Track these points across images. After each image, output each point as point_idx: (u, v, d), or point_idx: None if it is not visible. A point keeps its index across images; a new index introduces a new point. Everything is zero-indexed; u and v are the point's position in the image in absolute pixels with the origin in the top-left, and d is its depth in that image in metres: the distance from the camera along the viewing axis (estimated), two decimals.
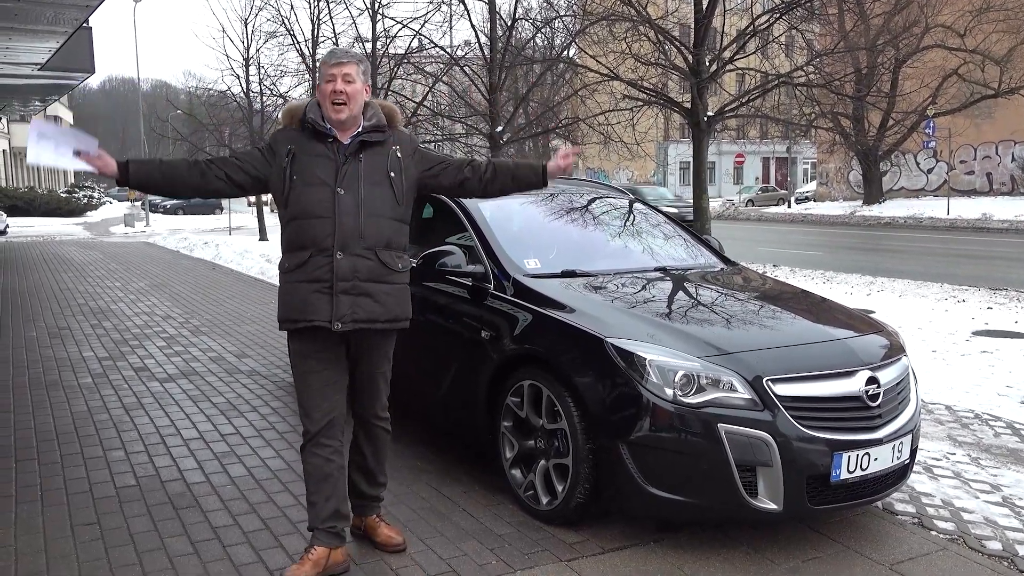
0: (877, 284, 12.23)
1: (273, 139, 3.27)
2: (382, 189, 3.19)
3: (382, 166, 3.21)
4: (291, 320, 3.15)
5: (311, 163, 3.13)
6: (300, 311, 3.11)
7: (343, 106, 3.11)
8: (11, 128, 46.19)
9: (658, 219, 5.28)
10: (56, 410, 5.55)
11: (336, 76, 3.11)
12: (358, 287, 3.10)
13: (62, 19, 11.45)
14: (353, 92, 3.12)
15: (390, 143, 3.26)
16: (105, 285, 12.53)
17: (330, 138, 3.15)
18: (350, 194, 3.12)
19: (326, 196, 3.10)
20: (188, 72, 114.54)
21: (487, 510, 3.81)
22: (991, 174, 34.23)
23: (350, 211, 3.11)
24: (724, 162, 57.28)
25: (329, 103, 3.11)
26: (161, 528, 3.64)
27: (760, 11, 13.30)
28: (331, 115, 3.11)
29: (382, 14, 17.79)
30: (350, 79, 3.12)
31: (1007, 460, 4.55)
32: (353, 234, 3.10)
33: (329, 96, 3.10)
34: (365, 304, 3.12)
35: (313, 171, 3.12)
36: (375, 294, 3.13)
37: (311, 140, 3.17)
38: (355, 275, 3.09)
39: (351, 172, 3.14)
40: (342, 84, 3.10)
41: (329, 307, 3.08)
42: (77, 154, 3.04)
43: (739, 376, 3.31)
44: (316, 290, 3.08)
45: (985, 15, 25.91)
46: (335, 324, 3.08)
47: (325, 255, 3.09)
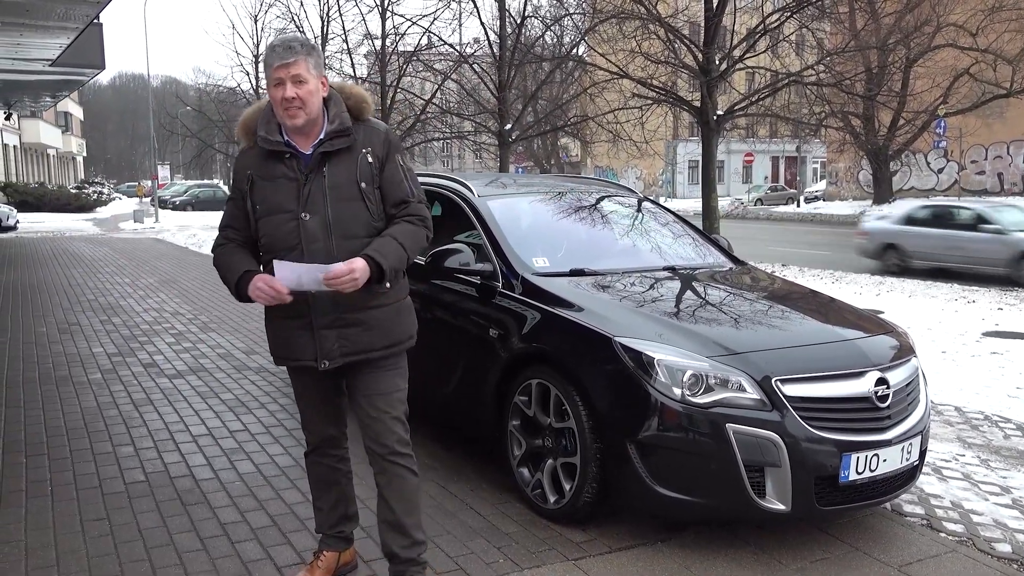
0: (886, 284, 12.19)
1: (235, 166, 2.92)
2: (353, 205, 2.75)
3: (350, 177, 2.75)
4: (278, 356, 2.94)
5: (270, 189, 2.75)
6: (285, 350, 2.87)
7: (298, 111, 2.67)
8: (22, 124, 46.39)
9: (667, 218, 5.27)
10: (66, 406, 5.57)
11: (284, 79, 2.65)
12: (343, 319, 2.76)
13: (73, 15, 11.50)
14: (307, 94, 2.67)
15: (358, 146, 2.77)
16: (114, 281, 12.58)
17: (287, 154, 2.74)
18: (316, 218, 2.71)
19: (290, 225, 2.72)
20: (198, 68, 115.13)
21: (495, 508, 3.81)
22: (1002, 174, 34.03)
23: (318, 237, 2.71)
24: (733, 161, 57.10)
25: (282, 111, 2.68)
26: (170, 524, 3.66)
27: (771, 9, 13.27)
28: (285, 122, 2.70)
29: (391, 11, 17.86)
30: (300, 79, 2.66)
31: (1017, 462, 4.53)
32: (326, 263, 2.66)
33: (280, 103, 2.67)
34: (354, 335, 2.78)
35: (272, 197, 2.74)
36: (365, 322, 2.78)
37: (267, 161, 2.76)
38: (336, 307, 2.74)
39: (315, 191, 2.72)
40: (292, 88, 2.65)
41: (312, 345, 2.78)
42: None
43: (748, 376, 3.30)
44: (298, 327, 2.79)
45: (997, 14, 25.71)
46: (322, 363, 2.78)
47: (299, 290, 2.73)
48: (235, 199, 2.89)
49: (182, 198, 45.80)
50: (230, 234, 2.88)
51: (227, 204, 2.93)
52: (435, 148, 39.13)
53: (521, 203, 4.92)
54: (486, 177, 5.45)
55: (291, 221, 2.72)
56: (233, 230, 2.88)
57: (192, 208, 43.56)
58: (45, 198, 38.24)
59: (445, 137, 21.23)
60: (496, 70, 16.63)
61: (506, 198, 4.86)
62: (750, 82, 19.61)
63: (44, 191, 40.11)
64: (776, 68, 14.60)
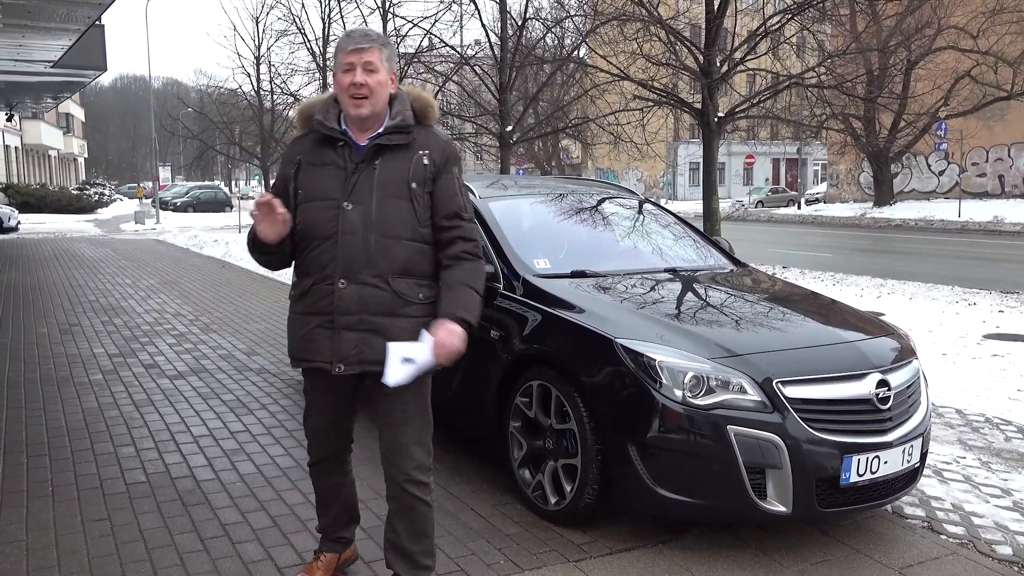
0: (887, 286, 12.18)
1: (286, 152, 2.86)
2: (399, 203, 2.63)
3: (402, 175, 2.64)
4: (293, 357, 2.77)
5: (317, 174, 2.66)
6: (301, 349, 2.71)
7: (364, 100, 2.59)
8: (23, 125, 46.44)
9: (668, 220, 5.28)
10: (67, 406, 5.58)
11: (355, 64, 2.58)
12: (366, 321, 2.60)
13: (75, 17, 11.52)
14: (376, 84, 2.59)
15: (416, 146, 2.68)
16: (115, 282, 12.59)
17: (340, 142, 2.66)
18: (359, 209, 2.61)
19: (329, 213, 2.61)
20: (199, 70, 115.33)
21: (495, 510, 3.81)
22: (1003, 176, 34.05)
23: (355, 230, 2.60)
24: (734, 163, 57.14)
25: (347, 97, 2.60)
26: (171, 524, 3.66)
27: (772, 12, 13.27)
28: (349, 111, 2.61)
29: (393, 13, 17.89)
30: (372, 67, 2.59)
31: (1018, 464, 4.53)
32: (359, 258, 2.59)
33: (347, 89, 2.59)
34: (374, 342, 2.60)
35: (318, 183, 2.65)
36: (388, 330, 2.61)
37: (319, 146, 2.69)
38: (362, 308, 2.60)
39: (363, 182, 2.62)
40: (362, 75, 2.57)
41: (330, 345, 2.63)
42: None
43: (749, 378, 3.30)
44: (319, 324, 2.64)
45: (998, 16, 25.76)
46: (336, 366, 2.63)
47: (327, 283, 2.62)
48: (277, 185, 2.79)
49: (183, 199, 45.82)
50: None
51: (272, 185, 2.86)
52: None
53: (522, 205, 4.93)
54: (487, 179, 5.46)
55: (332, 209, 2.61)
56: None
57: (193, 209, 43.59)
58: (46, 199, 38.29)
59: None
60: (497, 72, 16.65)
61: (507, 200, 4.87)
62: (751, 84, 19.63)
63: (45, 192, 40.15)
64: (777, 70, 14.61)
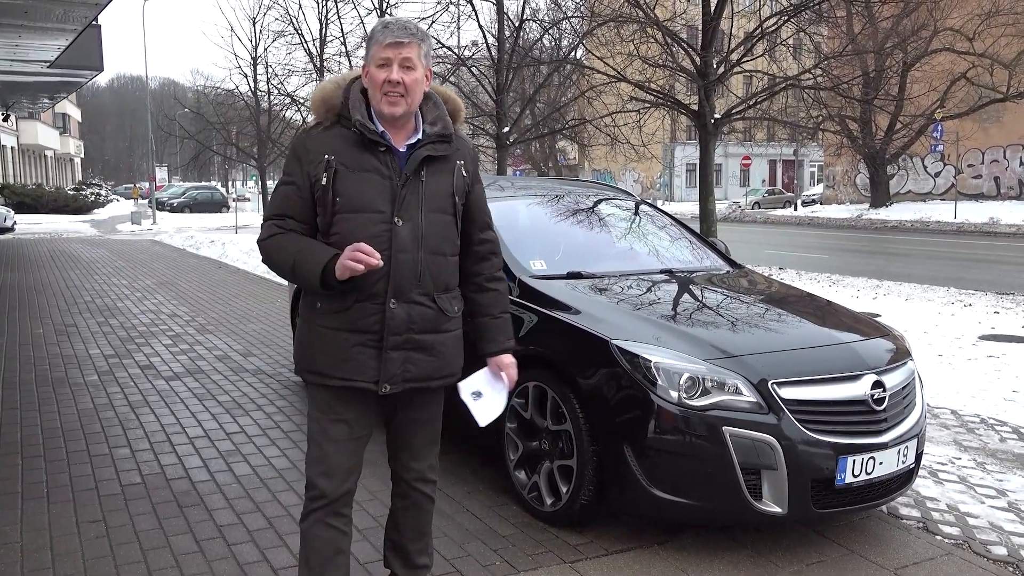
0: (883, 288, 12.20)
1: (302, 146, 2.48)
2: (445, 219, 2.52)
3: (447, 188, 2.52)
4: (321, 374, 2.49)
5: (359, 181, 2.42)
6: (336, 367, 2.46)
7: (400, 99, 2.40)
8: (20, 125, 46.36)
9: (664, 221, 5.28)
10: (62, 407, 5.56)
11: (392, 60, 2.39)
12: (412, 340, 2.48)
13: (71, 17, 11.50)
14: (412, 82, 2.41)
15: (455, 156, 2.56)
16: (112, 283, 12.57)
17: (382, 147, 2.44)
18: (408, 225, 2.44)
19: (380, 228, 2.41)
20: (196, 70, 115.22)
21: (491, 511, 3.81)
22: (999, 178, 34.12)
23: (408, 248, 2.44)
24: (731, 164, 57.22)
25: (381, 95, 2.41)
26: (166, 526, 3.65)
27: (768, 14, 13.29)
28: (383, 109, 2.42)
29: (390, 14, 17.84)
30: (410, 64, 2.40)
31: (1013, 465, 4.54)
32: (411, 277, 2.44)
33: (381, 87, 2.40)
34: (419, 360, 2.50)
35: (362, 192, 2.42)
36: (431, 347, 2.52)
37: (357, 148, 2.44)
38: (410, 327, 2.46)
39: (411, 196, 2.45)
40: (399, 72, 2.38)
41: (376, 365, 2.45)
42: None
43: (744, 379, 3.30)
44: (360, 343, 2.44)
45: (994, 19, 25.84)
46: (383, 387, 2.47)
47: (375, 302, 2.43)
48: (296, 184, 2.47)
49: (180, 200, 45.77)
50: (290, 224, 2.48)
51: (284, 191, 2.49)
52: None
53: (519, 206, 4.93)
54: (484, 180, 5.45)
55: (382, 224, 2.41)
56: (295, 221, 2.48)
57: (190, 210, 43.54)
58: (42, 199, 38.24)
59: None
60: (494, 73, 16.64)
61: (504, 201, 4.87)
62: (748, 86, 19.64)
63: (41, 192, 40.10)
64: (773, 72, 14.62)
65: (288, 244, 2.46)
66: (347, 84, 2.52)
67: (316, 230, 2.48)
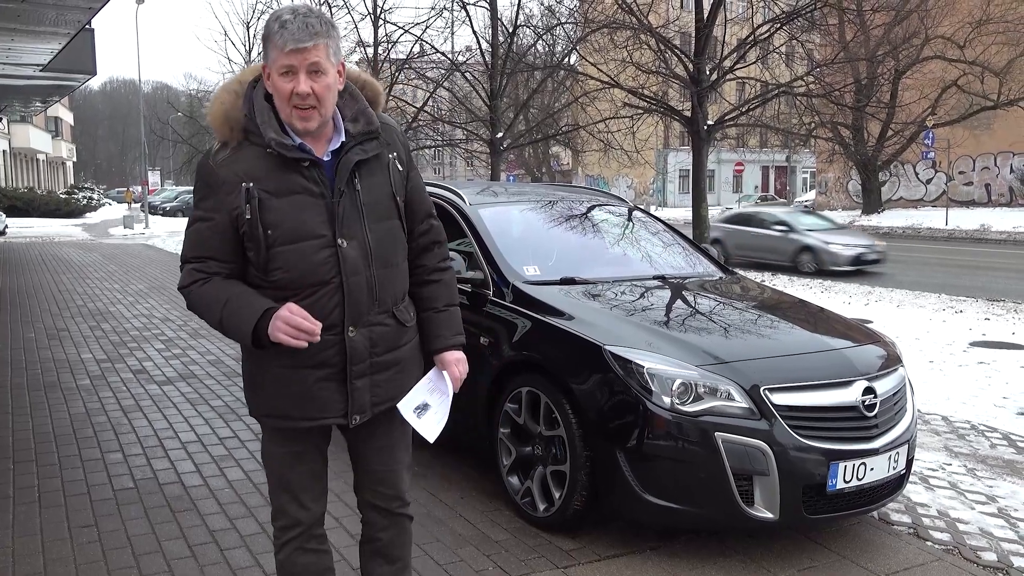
0: (875, 294, 12.25)
1: (210, 175, 2.13)
2: (391, 225, 2.26)
3: (385, 191, 2.24)
4: (285, 416, 2.23)
5: (288, 206, 2.11)
6: (300, 408, 2.22)
7: (312, 111, 2.07)
8: (11, 128, 46.19)
9: (657, 227, 5.30)
10: (54, 412, 5.55)
11: (297, 68, 2.03)
12: (375, 364, 2.25)
13: (64, 20, 11.48)
14: (324, 90, 2.06)
15: (386, 151, 2.26)
16: (104, 287, 12.54)
17: (305, 162, 2.12)
18: (354, 243, 2.17)
19: (325, 254, 2.13)
20: (189, 74, 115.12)
21: (484, 516, 3.82)
22: (989, 185, 34.31)
23: (359, 268, 2.18)
24: (723, 170, 57.35)
25: (290, 108, 2.07)
26: (159, 531, 3.65)
27: (761, 21, 13.35)
28: (294, 124, 2.09)
29: (384, 19, 17.87)
30: (319, 69, 2.05)
31: (1003, 471, 4.56)
32: (367, 299, 2.20)
33: (289, 99, 2.05)
34: (385, 381, 2.28)
35: (297, 218, 2.11)
36: (395, 363, 2.30)
37: (277, 169, 2.11)
38: (372, 351, 2.24)
39: (349, 210, 2.16)
40: (307, 81, 2.04)
41: (343, 400, 2.22)
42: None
43: (736, 385, 3.32)
44: (321, 378, 2.20)
45: (984, 27, 25.99)
46: (353, 419, 2.24)
47: (332, 332, 2.16)
48: (212, 220, 2.14)
49: (172, 204, 45.71)
50: (213, 267, 2.17)
51: (199, 228, 2.16)
52: (426, 155, 39.32)
53: (512, 211, 4.94)
54: (477, 185, 5.47)
55: (325, 248, 2.13)
56: (218, 262, 2.16)
57: (182, 214, 43.44)
58: (34, 203, 38.09)
59: (437, 145, 21.28)
60: (488, 78, 16.68)
61: (497, 206, 4.88)
62: (740, 92, 19.73)
63: (33, 196, 39.94)
64: (766, 79, 14.71)
65: (213, 294, 2.15)
66: (247, 90, 2.16)
67: (243, 267, 2.18)
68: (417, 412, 2.34)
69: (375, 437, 2.37)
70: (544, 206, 5.11)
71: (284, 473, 2.31)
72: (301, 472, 2.31)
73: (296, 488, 2.31)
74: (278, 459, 2.31)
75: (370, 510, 2.45)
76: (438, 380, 2.41)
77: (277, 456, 2.31)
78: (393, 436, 2.40)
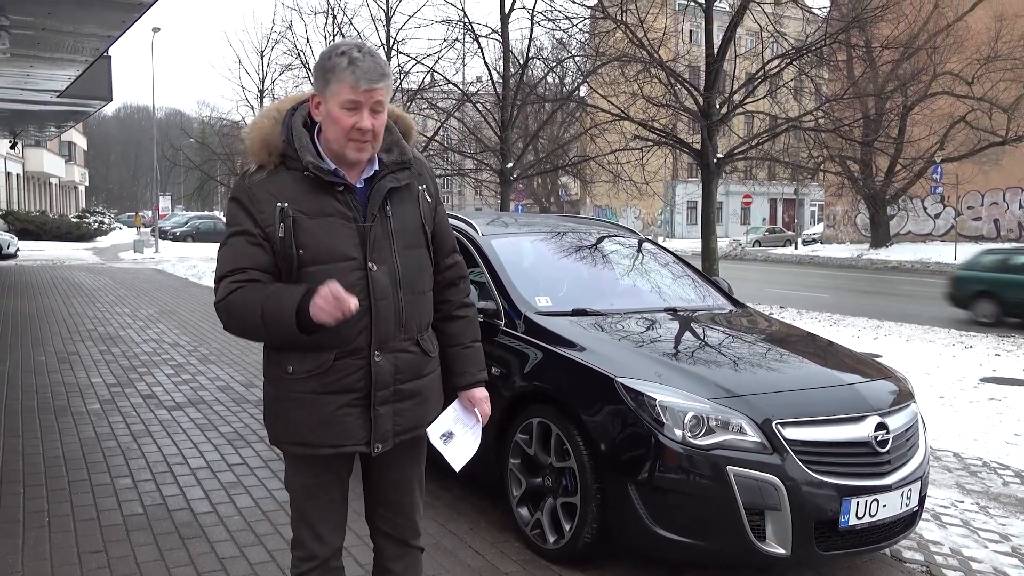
0: (884, 328, 12.22)
1: (247, 195, 2.18)
2: (419, 253, 2.31)
3: (415, 220, 2.30)
4: (307, 444, 2.24)
5: (322, 228, 2.15)
6: (322, 435, 2.22)
7: (367, 144, 2.16)
8: (26, 152, 46.66)
9: (667, 259, 5.32)
10: (64, 436, 5.56)
11: (363, 105, 2.11)
12: (398, 392, 2.27)
13: (83, 48, 11.67)
14: (380, 126, 2.17)
15: (417, 182, 2.33)
16: (114, 311, 12.59)
17: (340, 186, 2.18)
18: (384, 268, 2.21)
19: (356, 276, 2.17)
20: (202, 101, 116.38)
21: (493, 548, 3.80)
22: (998, 220, 34.28)
23: (387, 293, 2.21)
24: (732, 202, 57.49)
25: (347, 140, 2.14)
26: (167, 558, 3.64)
27: (770, 56, 13.48)
28: (348, 154, 2.15)
29: (397, 50, 18.10)
30: (380, 108, 2.15)
31: (1016, 509, 4.52)
32: (393, 324, 2.23)
33: (348, 132, 2.13)
34: (408, 411, 2.30)
35: (330, 240, 2.16)
36: (417, 393, 2.32)
37: (313, 191, 2.17)
38: (396, 378, 2.26)
39: (380, 235, 2.21)
40: (370, 119, 2.12)
41: (366, 426, 2.23)
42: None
43: (748, 419, 3.31)
44: (345, 404, 2.21)
45: (992, 64, 26.15)
46: (375, 447, 2.25)
47: (357, 356, 2.19)
48: (253, 235, 2.16)
49: (183, 229, 45.95)
50: (253, 275, 2.16)
51: (236, 242, 2.18)
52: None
53: (523, 242, 4.97)
54: (488, 216, 5.51)
55: (356, 271, 2.17)
56: (257, 271, 2.16)
57: (192, 239, 43.70)
58: (46, 226, 38.37)
59: (447, 174, 21.42)
60: (499, 109, 16.84)
61: (509, 237, 4.91)
62: (749, 126, 19.84)
63: (45, 219, 40.25)
64: (775, 113, 14.81)
65: (253, 294, 2.12)
66: (285, 117, 2.23)
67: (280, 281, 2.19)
68: (443, 439, 2.40)
69: (391, 468, 2.38)
70: (555, 237, 5.14)
71: (304, 503, 2.32)
72: (321, 503, 2.32)
73: (314, 520, 2.32)
74: (299, 489, 2.32)
75: (383, 538, 2.47)
76: (463, 412, 2.47)
77: (298, 486, 2.33)
78: (411, 469, 2.42)
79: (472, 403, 2.47)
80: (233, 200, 2.22)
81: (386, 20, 18.49)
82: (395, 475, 2.40)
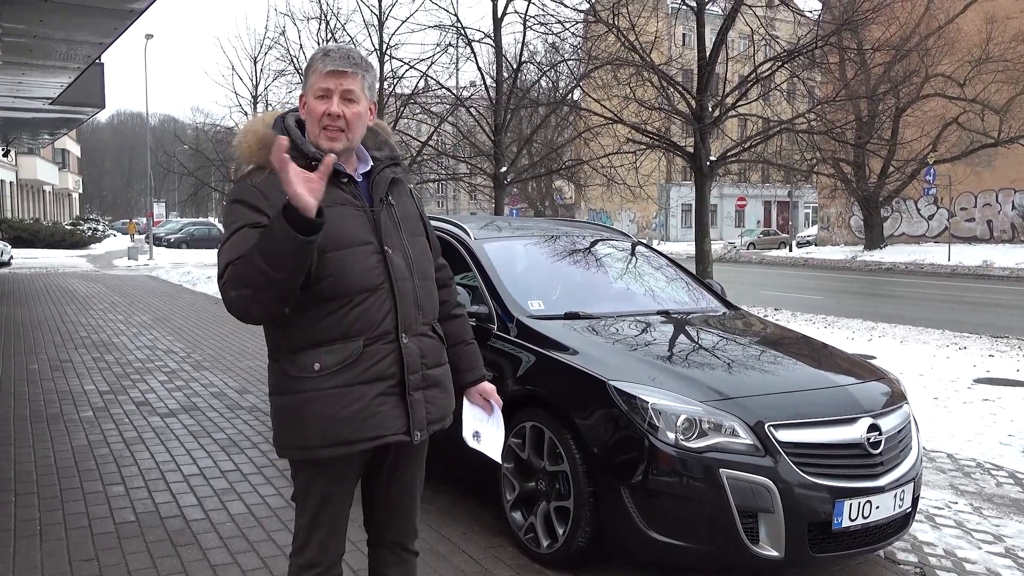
0: (878, 330, 12.23)
1: (253, 193, 2.16)
2: (422, 241, 2.39)
3: (414, 210, 2.41)
4: (344, 442, 2.16)
5: (337, 216, 2.14)
6: (361, 429, 2.16)
7: (340, 133, 2.17)
8: (19, 160, 46.56)
9: (660, 262, 5.33)
10: (56, 443, 5.54)
11: (332, 91, 2.16)
12: (427, 377, 2.28)
13: (75, 55, 11.66)
14: (354, 116, 2.18)
15: (405, 179, 2.44)
16: (108, 318, 12.56)
17: (344, 177, 2.22)
18: (398, 253, 2.25)
19: (375, 259, 2.19)
20: (196, 108, 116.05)
21: (487, 552, 3.79)
22: (991, 222, 34.41)
23: (405, 275, 2.25)
24: (726, 205, 57.62)
25: (319, 129, 2.17)
26: (160, 565, 3.62)
27: (762, 59, 13.50)
28: (320, 143, 2.17)
29: (390, 55, 18.10)
30: (352, 97, 2.18)
31: (1009, 510, 4.53)
32: (412, 307, 2.26)
33: (320, 119, 2.16)
34: (436, 398, 2.32)
35: (346, 226, 2.17)
36: (441, 381, 2.35)
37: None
38: (423, 362, 2.27)
39: (388, 222, 2.27)
40: (340, 104, 2.16)
41: (403, 414, 2.21)
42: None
43: (741, 421, 3.31)
44: (380, 392, 2.18)
45: (984, 65, 26.29)
46: (415, 435, 2.24)
47: (386, 341, 2.19)
48: (256, 225, 2.12)
49: (177, 236, 45.86)
50: None
51: (242, 232, 2.11)
52: (430, 189, 39.55)
53: (516, 246, 4.97)
54: (481, 220, 5.51)
55: (374, 254, 2.20)
56: None
57: (187, 246, 43.63)
58: (40, 234, 38.28)
59: (440, 178, 21.43)
60: (492, 113, 16.84)
61: (501, 241, 4.91)
62: (742, 129, 19.87)
63: (39, 227, 40.15)
64: (768, 116, 14.82)
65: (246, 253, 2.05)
66: (276, 121, 2.26)
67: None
68: (475, 438, 2.55)
69: (406, 470, 2.38)
70: (548, 241, 5.14)
71: (321, 512, 2.27)
72: (336, 511, 2.29)
73: (324, 529, 2.28)
74: (316, 498, 2.26)
75: (380, 546, 2.46)
76: (477, 409, 2.60)
77: (316, 495, 2.26)
78: (419, 471, 2.44)
79: (484, 396, 2.58)
80: (236, 202, 2.18)
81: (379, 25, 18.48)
82: (406, 476, 2.39)
